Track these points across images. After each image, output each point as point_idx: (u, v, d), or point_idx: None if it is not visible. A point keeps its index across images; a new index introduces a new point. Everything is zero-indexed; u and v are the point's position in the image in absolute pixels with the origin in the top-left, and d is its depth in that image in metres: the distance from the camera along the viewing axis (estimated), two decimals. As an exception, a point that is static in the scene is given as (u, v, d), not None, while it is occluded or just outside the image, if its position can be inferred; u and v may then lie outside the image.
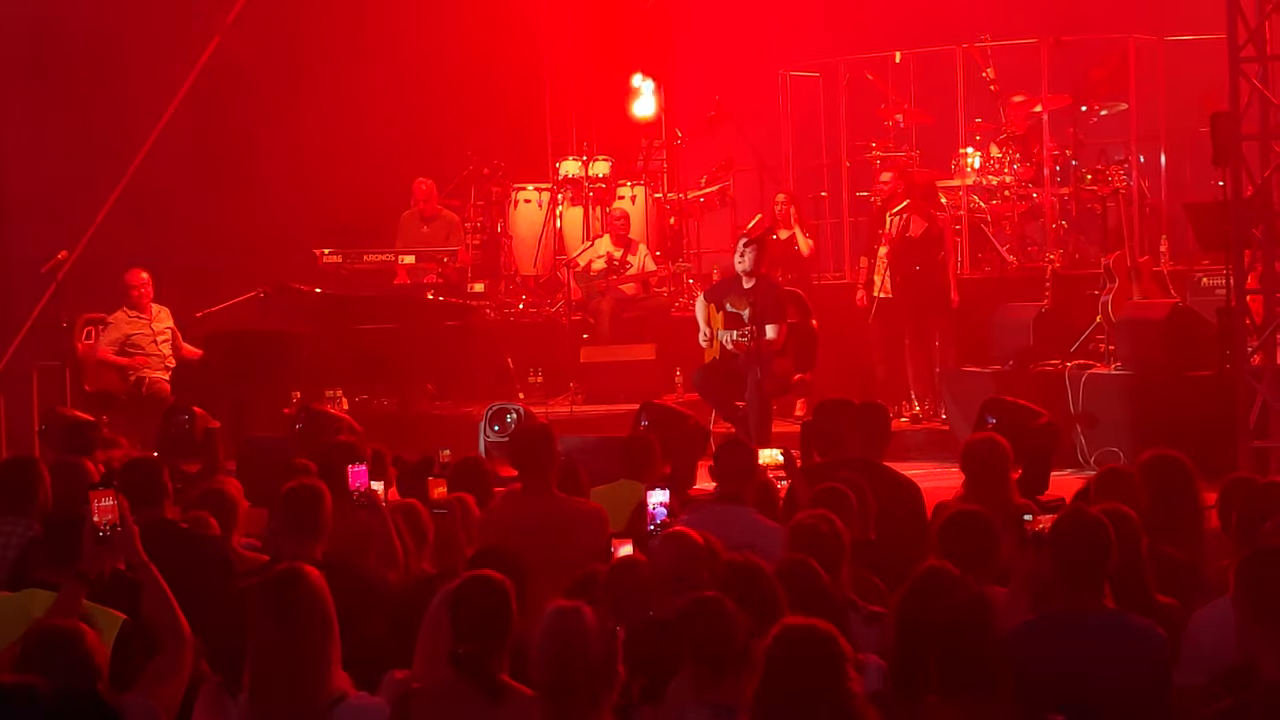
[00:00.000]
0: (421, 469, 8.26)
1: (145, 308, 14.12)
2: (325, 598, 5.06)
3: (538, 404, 14.30)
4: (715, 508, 7.71)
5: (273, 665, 5.02)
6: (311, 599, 5.04)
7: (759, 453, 8.56)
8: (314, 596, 5.04)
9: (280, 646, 5.01)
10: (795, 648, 4.59)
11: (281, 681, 5.01)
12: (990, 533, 6.36)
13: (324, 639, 5.03)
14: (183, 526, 7.34)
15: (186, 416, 10.37)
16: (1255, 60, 10.90)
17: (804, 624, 4.68)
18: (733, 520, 7.40)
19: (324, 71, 16.72)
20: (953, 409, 13.48)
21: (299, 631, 5.00)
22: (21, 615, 5.60)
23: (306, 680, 5.01)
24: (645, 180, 16.90)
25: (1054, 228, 15.47)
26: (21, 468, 7.58)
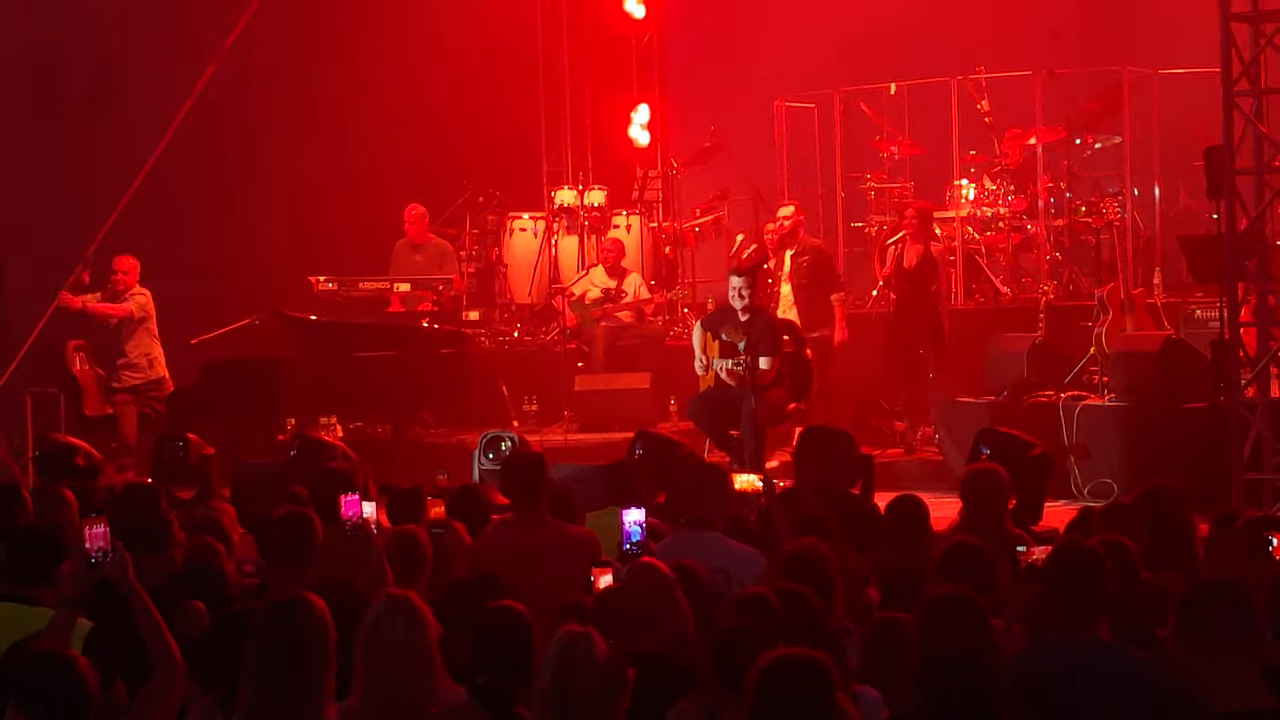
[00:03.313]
0: (412, 496, 8.25)
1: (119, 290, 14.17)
2: (329, 628, 5.07)
3: (532, 432, 14.28)
4: (683, 533, 7.67)
5: (271, 692, 5.01)
6: (317, 629, 5.04)
7: (737, 478, 8.57)
8: (320, 627, 5.04)
9: (282, 674, 5.00)
10: (785, 677, 4.58)
11: (278, 708, 5.00)
12: (988, 565, 6.37)
13: (324, 669, 5.03)
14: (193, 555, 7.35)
15: (181, 443, 10.35)
16: (1249, 94, 10.93)
17: (794, 653, 4.67)
18: (702, 545, 7.35)
19: (320, 98, 16.75)
20: (947, 439, 13.49)
21: (301, 660, 5.00)
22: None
23: (302, 710, 5.00)
24: (641, 210, 16.92)
25: (1048, 259, 15.51)
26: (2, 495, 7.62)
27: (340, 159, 16.47)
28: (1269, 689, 5.03)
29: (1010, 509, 8.19)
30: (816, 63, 17.27)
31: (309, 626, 5.02)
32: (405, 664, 5.10)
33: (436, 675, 5.15)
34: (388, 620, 5.14)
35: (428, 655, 5.14)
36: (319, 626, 5.04)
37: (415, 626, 5.15)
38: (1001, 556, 6.57)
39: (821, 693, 4.57)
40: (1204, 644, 5.08)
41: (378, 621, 5.16)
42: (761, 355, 12.30)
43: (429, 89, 16.80)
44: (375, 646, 5.14)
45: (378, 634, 5.14)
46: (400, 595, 5.28)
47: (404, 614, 5.15)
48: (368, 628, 5.17)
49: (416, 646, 5.12)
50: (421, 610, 5.18)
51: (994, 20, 17.06)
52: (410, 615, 5.15)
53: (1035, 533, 8.23)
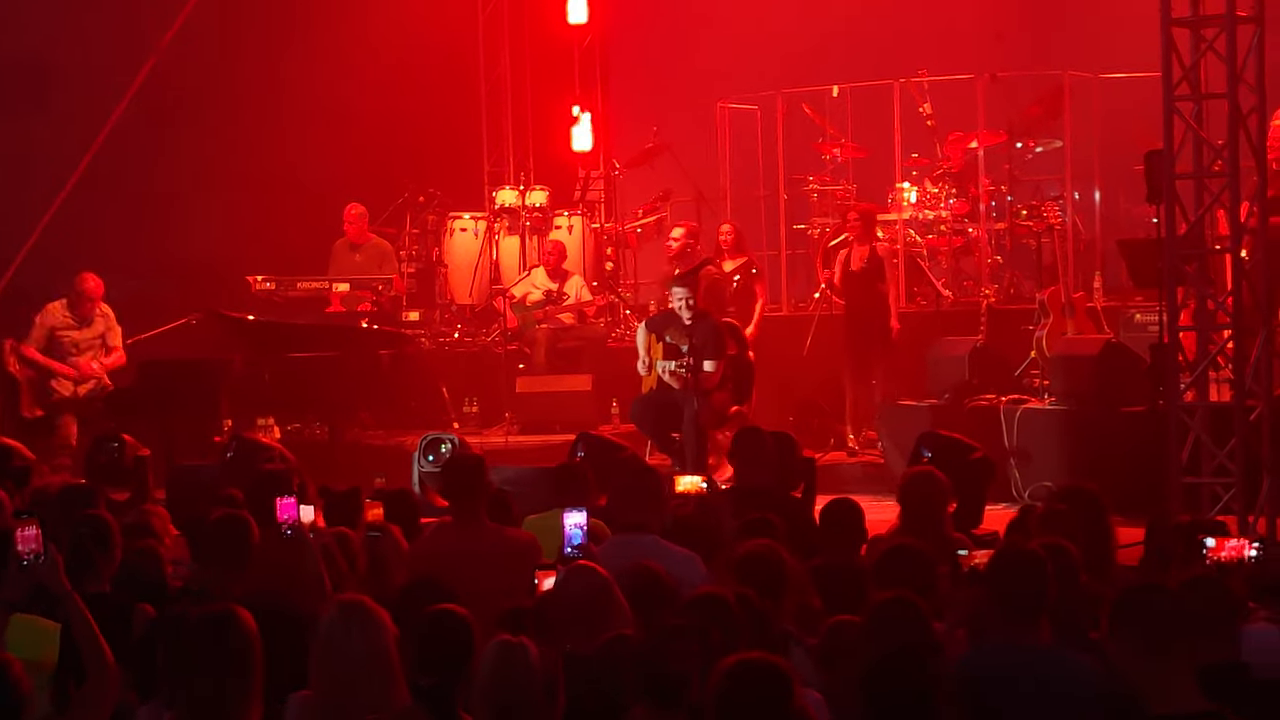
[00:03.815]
0: (349, 498, 8.18)
1: (84, 311, 14.07)
2: (256, 642, 5.01)
3: (473, 434, 14.22)
4: (621, 537, 7.63)
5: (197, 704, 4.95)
6: (243, 644, 4.98)
7: (680, 480, 8.54)
8: (246, 641, 4.98)
9: (207, 687, 4.95)
10: (745, 683, 4.54)
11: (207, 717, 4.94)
12: (927, 567, 6.34)
13: (250, 682, 4.97)
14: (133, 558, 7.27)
15: (116, 444, 10.26)
16: (1189, 99, 10.96)
17: (753, 659, 4.63)
18: (640, 549, 7.29)
19: (259, 97, 16.63)
20: (888, 442, 13.50)
21: (227, 675, 4.94)
22: None
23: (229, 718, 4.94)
24: (583, 210, 16.88)
25: (989, 263, 15.55)
26: None
27: (279, 157, 16.36)
28: (1203, 692, 5.02)
29: (951, 512, 8.18)
30: (759, 65, 17.28)
31: (236, 641, 4.96)
32: (362, 669, 5.04)
33: (396, 680, 5.09)
34: (343, 626, 5.08)
35: (386, 660, 5.08)
36: (246, 641, 4.98)
37: (372, 632, 5.09)
38: (942, 560, 6.54)
39: (782, 697, 4.53)
40: (1137, 647, 5.08)
41: (333, 627, 5.09)
42: (706, 359, 12.28)
43: (369, 87, 16.71)
44: (331, 653, 5.07)
45: (333, 640, 5.08)
46: (355, 601, 5.24)
47: (360, 619, 5.10)
48: (324, 634, 5.11)
49: (374, 652, 5.06)
50: (378, 615, 5.13)
51: (936, 24, 17.12)
52: (366, 620, 5.10)
53: (975, 536, 8.23)
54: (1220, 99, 10.85)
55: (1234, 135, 10.79)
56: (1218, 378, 11.34)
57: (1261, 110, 10.87)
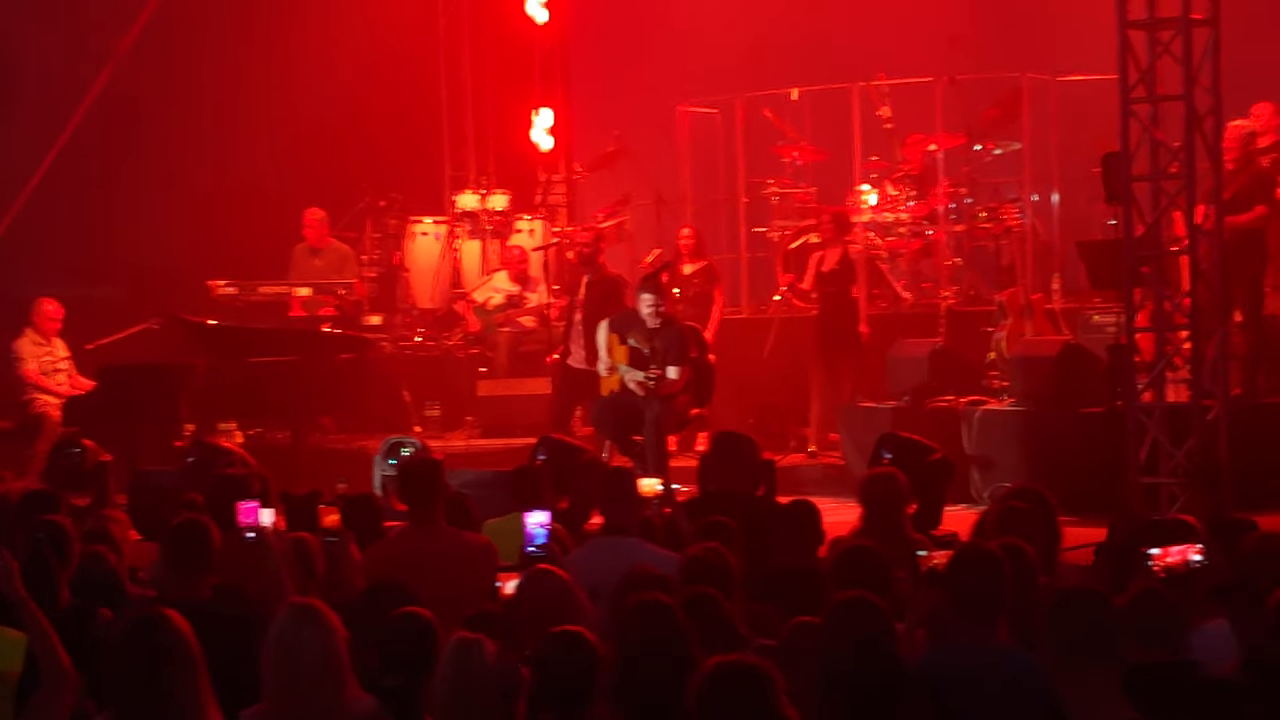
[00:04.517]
0: (309, 503, 8.18)
1: (50, 339, 14.14)
2: (188, 640, 4.99)
3: (434, 438, 14.22)
4: (603, 539, 7.67)
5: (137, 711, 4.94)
6: (174, 643, 4.96)
7: (639, 482, 8.56)
8: (176, 640, 4.96)
9: (143, 693, 4.93)
10: (728, 686, 4.54)
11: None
12: (884, 568, 6.37)
13: (190, 681, 4.96)
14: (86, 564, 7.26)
15: (77, 449, 10.27)
16: (1146, 101, 11.04)
17: (734, 660, 4.63)
18: (622, 551, 7.35)
19: (219, 101, 16.59)
20: (849, 444, 13.53)
21: (162, 677, 4.93)
22: None
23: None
24: (544, 214, 16.88)
25: (948, 265, 15.60)
26: None
27: (239, 162, 16.31)
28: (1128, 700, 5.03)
29: (910, 513, 8.22)
30: (719, 68, 17.29)
31: (165, 642, 4.95)
32: (314, 672, 5.05)
33: (347, 683, 5.10)
34: (294, 629, 5.09)
35: (337, 663, 5.09)
36: (176, 640, 4.96)
37: (323, 634, 5.09)
38: (902, 561, 6.58)
39: (766, 699, 4.53)
40: (1063, 653, 5.11)
41: (284, 630, 5.09)
42: (670, 364, 12.29)
43: (329, 91, 16.67)
44: (283, 656, 5.07)
45: (284, 643, 5.08)
46: (306, 603, 5.23)
47: (311, 622, 5.10)
48: (274, 637, 5.10)
49: (325, 655, 5.07)
50: (329, 618, 5.13)
51: (895, 27, 17.15)
52: (317, 623, 5.10)
53: (935, 536, 8.27)
54: (1177, 101, 10.93)
55: (1190, 137, 10.86)
56: (1175, 378, 11.40)
57: (1217, 112, 10.96)
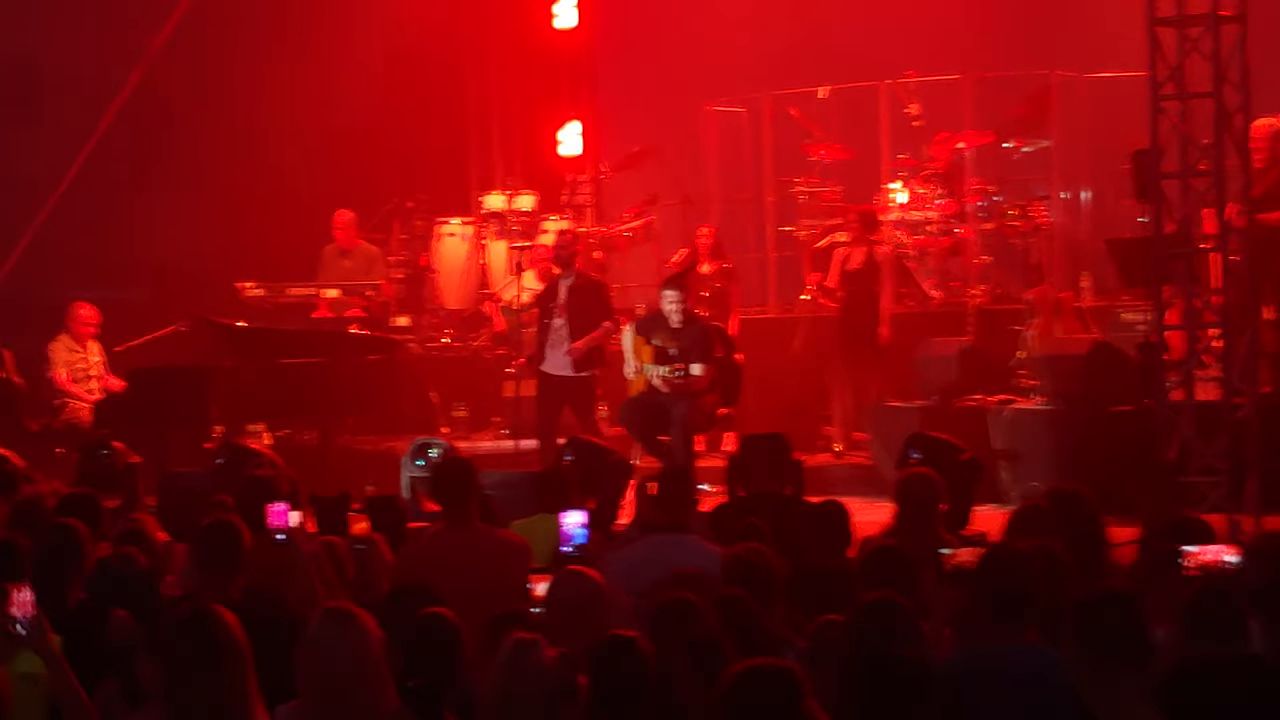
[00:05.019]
0: (339, 505, 8.20)
1: (85, 343, 14.18)
2: (240, 637, 5.01)
3: (462, 438, 14.24)
4: (662, 536, 7.71)
5: (190, 706, 4.95)
6: (225, 639, 4.98)
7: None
8: (227, 636, 4.99)
9: (198, 688, 4.94)
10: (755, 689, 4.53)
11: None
12: (912, 568, 6.36)
13: (242, 678, 4.98)
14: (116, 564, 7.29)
15: (107, 451, 10.27)
16: (1175, 98, 11.00)
17: (762, 663, 4.62)
18: (680, 548, 7.43)
19: (248, 103, 16.63)
20: (877, 444, 13.50)
21: (216, 672, 4.94)
22: None
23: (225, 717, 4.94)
24: (570, 215, 16.88)
25: (977, 263, 15.55)
26: None
27: (268, 164, 16.36)
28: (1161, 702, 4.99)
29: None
30: (746, 67, 17.28)
31: (219, 636, 4.97)
32: (350, 676, 5.05)
33: (385, 686, 5.10)
34: (330, 633, 5.09)
35: (373, 667, 5.09)
36: (229, 635, 4.99)
37: (359, 638, 5.09)
38: (931, 561, 6.56)
39: (794, 702, 4.52)
40: (1092, 654, 5.08)
41: (320, 634, 5.10)
42: (694, 362, 12.29)
43: (357, 93, 16.70)
44: (320, 659, 5.08)
45: (322, 646, 5.09)
46: (342, 608, 5.23)
47: (346, 626, 5.10)
48: (310, 640, 5.11)
49: (361, 658, 5.07)
50: (364, 621, 5.13)
51: (923, 25, 17.12)
52: (353, 627, 5.10)
53: (964, 536, 8.24)
54: (1206, 98, 10.89)
55: (1219, 134, 10.83)
56: (1205, 376, 11.36)
57: (1246, 109, 10.91)
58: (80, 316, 14.41)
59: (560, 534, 6.89)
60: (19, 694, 5.75)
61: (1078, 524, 7.01)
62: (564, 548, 6.77)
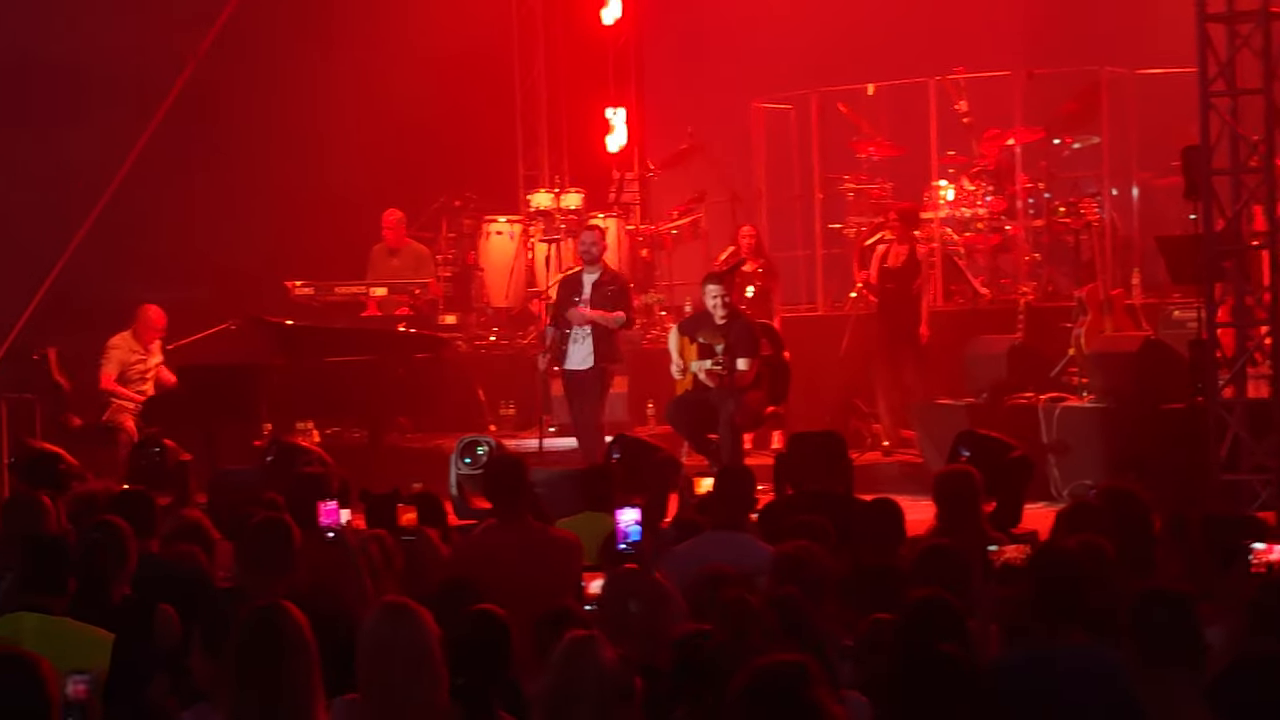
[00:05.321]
0: (389, 501, 8.24)
1: (148, 345, 14.25)
2: (308, 635, 5.03)
3: (509, 436, 14.26)
4: (718, 534, 7.73)
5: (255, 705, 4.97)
6: (294, 635, 5.00)
7: (701, 481, 8.59)
8: (296, 632, 5.01)
9: (262, 683, 4.96)
10: (768, 684, 4.53)
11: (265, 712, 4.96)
12: (963, 567, 6.34)
13: (308, 676, 5.00)
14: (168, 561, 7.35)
15: (157, 449, 10.32)
16: (1225, 94, 10.94)
17: (777, 658, 4.62)
18: (736, 546, 7.44)
19: (296, 103, 16.68)
20: (926, 442, 13.47)
21: (281, 667, 4.96)
22: (11, 637, 5.68)
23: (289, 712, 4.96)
24: (617, 212, 16.89)
25: (1027, 260, 15.50)
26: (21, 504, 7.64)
27: (316, 164, 16.41)
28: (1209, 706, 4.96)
29: (989, 511, 8.17)
30: (794, 63, 17.25)
31: (289, 631, 4.99)
32: (407, 671, 5.06)
33: (441, 682, 5.11)
34: (388, 627, 5.10)
35: (431, 661, 5.10)
36: (298, 631, 5.01)
37: (417, 632, 5.10)
38: (978, 558, 6.55)
39: (806, 696, 4.51)
40: (1145, 653, 5.06)
41: (379, 629, 5.11)
42: (739, 357, 12.27)
43: (405, 93, 16.73)
44: (378, 654, 5.09)
45: (380, 641, 5.10)
46: (400, 602, 5.24)
47: (405, 620, 5.12)
48: (368, 635, 5.12)
49: (418, 653, 5.08)
50: (422, 616, 5.14)
51: (972, 20, 17.07)
52: (411, 621, 5.11)
53: (1015, 535, 8.21)
54: (1256, 95, 10.82)
55: (1270, 131, 10.77)
56: (1256, 374, 11.31)
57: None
58: (149, 319, 14.39)
59: (615, 531, 6.89)
60: None
61: (1129, 522, 6.98)
62: (620, 545, 6.77)
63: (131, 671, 6.13)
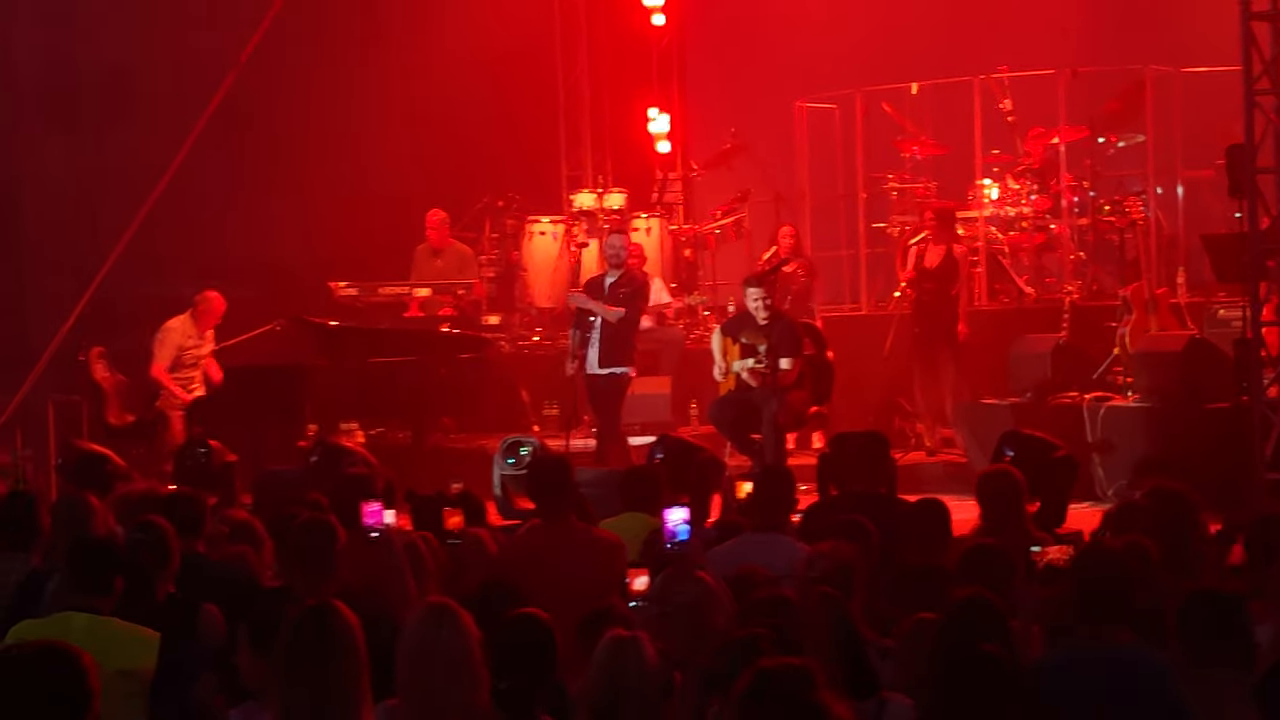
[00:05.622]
0: (435, 502, 8.26)
1: (204, 332, 14.34)
2: (358, 635, 5.04)
3: (553, 437, 14.26)
4: (757, 536, 7.74)
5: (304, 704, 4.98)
6: (344, 635, 5.00)
7: (744, 485, 8.59)
8: (349, 631, 5.02)
9: (313, 685, 4.96)
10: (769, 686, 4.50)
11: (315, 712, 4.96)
12: (1009, 567, 6.33)
13: (358, 677, 5.00)
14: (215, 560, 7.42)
15: (203, 449, 10.39)
16: (1270, 93, 10.89)
17: (781, 661, 4.61)
18: (774, 548, 7.45)
19: (340, 104, 16.77)
20: (970, 442, 13.44)
21: (334, 665, 4.96)
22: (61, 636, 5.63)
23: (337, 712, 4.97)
24: (661, 212, 16.90)
25: (1071, 259, 15.44)
26: (20, 504, 7.68)
27: (360, 165, 16.48)
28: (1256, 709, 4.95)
29: (1034, 511, 8.15)
30: (837, 63, 17.23)
31: (340, 631, 5.00)
32: (449, 672, 5.07)
33: (481, 684, 5.12)
34: (431, 628, 5.12)
35: (471, 663, 5.11)
36: (349, 631, 5.02)
37: (459, 634, 5.12)
38: (1021, 558, 6.53)
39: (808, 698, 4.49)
40: (1191, 655, 5.04)
41: (421, 630, 5.13)
42: (782, 357, 12.26)
43: (448, 93, 16.80)
44: (419, 655, 5.11)
45: (422, 642, 5.11)
46: (443, 603, 5.25)
47: (447, 622, 5.13)
48: (410, 636, 5.14)
49: (461, 654, 5.09)
50: (464, 618, 5.16)
51: (1016, 19, 17.02)
52: (454, 622, 5.13)
53: (1059, 535, 8.19)
54: (1302, 93, 10.78)
55: (1315, 128, 10.71)
56: (1302, 373, 11.25)
57: (1343, 103, 10.80)
58: (211, 305, 14.45)
59: (659, 531, 6.90)
60: (115, 689, 5.84)
61: (1176, 522, 6.96)
62: (666, 544, 6.77)
63: (177, 670, 6.18)
